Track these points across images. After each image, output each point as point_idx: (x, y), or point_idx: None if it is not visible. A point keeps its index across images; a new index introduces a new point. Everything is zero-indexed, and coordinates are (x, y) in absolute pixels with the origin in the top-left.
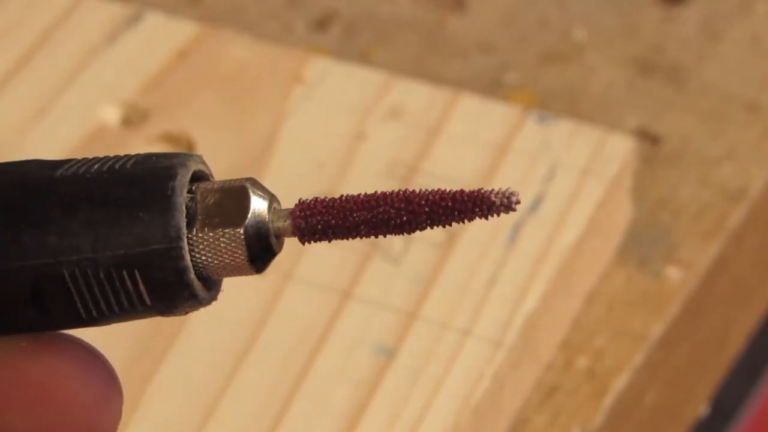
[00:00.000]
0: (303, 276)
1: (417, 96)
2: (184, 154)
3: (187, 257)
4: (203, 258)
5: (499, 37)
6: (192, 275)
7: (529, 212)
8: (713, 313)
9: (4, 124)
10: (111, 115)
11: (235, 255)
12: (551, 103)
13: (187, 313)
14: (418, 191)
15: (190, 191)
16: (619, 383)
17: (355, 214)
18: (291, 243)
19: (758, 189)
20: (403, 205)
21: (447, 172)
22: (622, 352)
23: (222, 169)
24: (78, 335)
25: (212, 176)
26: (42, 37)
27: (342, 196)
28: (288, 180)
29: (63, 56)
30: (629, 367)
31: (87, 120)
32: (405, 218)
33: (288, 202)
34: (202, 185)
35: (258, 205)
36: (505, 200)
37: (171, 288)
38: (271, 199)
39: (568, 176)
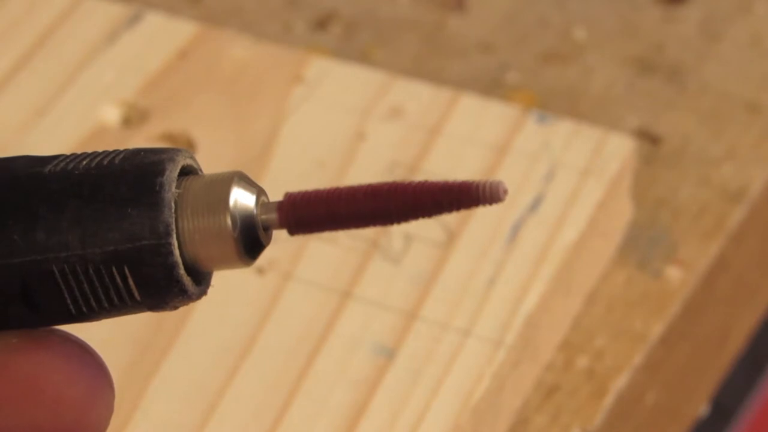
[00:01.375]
0: (303, 276)
1: (417, 96)
2: (173, 149)
3: (176, 253)
4: (192, 253)
5: (499, 37)
6: (181, 271)
7: (529, 212)
8: (713, 313)
9: (4, 124)
10: (111, 115)
11: (224, 248)
12: (551, 103)
13: (177, 308)
14: (405, 183)
15: (178, 186)
16: (619, 383)
17: (342, 206)
18: (291, 244)
19: (758, 189)
20: (390, 197)
21: (447, 172)
22: (622, 352)
23: (222, 169)
24: (78, 335)
25: (201, 170)
26: (42, 37)
27: (330, 188)
28: (288, 180)
29: (63, 56)
30: (629, 367)
31: (87, 120)
32: (393, 210)
33: None
34: (190, 179)
35: (245, 197)
36: (493, 190)
37: (161, 284)
38: (259, 192)
39: (568, 176)
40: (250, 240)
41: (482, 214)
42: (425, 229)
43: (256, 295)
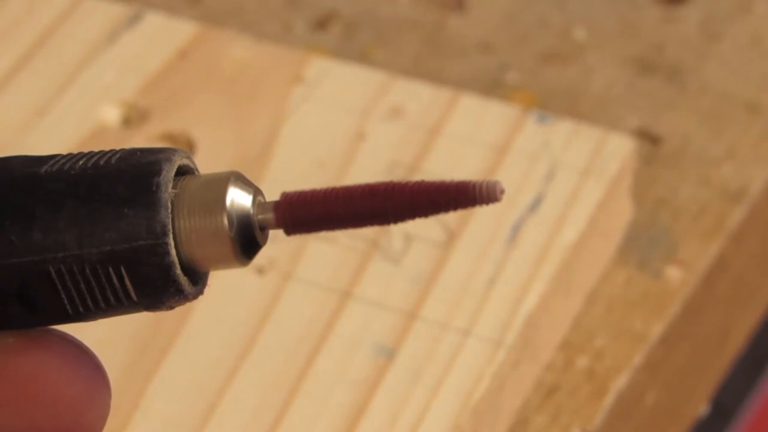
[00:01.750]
0: (303, 276)
1: (417, 96)
2: (169, 149)
3: (173, 253)
4: (189, 252)
5: (499, 37)
6: (178, 270)
7: (529, 212)
8: (713, 313)
9: (4, 124)
10: (111, 115)
11: (220, 248)
12: (551, 103)
13: (173, 308)
14: (402, 182)
15: (175, 186)
16: (619, 383)
17: (339, 206)
18: (291, 244)
19: (758, 189)
20: (387, 197)
21: (447, 172)
22: (622, 352)
23: (222, 169)
24: (76, 335)
25: (197, 170)
26: (42, 37)
27: (327, 188)
28: (288, 180)
29: (63, 56)
30: (629, 367)
31: (87, 120)
32: (389, 209)
33: None
34: (187, 179)
35: (241, 197)
36: (490, 190)
37: (157, 284)
38: (256, 191)
39: (568, 176)
40: (246, 240)
41: (482, 214)
42: (425, 229)
43: (256, 295)
